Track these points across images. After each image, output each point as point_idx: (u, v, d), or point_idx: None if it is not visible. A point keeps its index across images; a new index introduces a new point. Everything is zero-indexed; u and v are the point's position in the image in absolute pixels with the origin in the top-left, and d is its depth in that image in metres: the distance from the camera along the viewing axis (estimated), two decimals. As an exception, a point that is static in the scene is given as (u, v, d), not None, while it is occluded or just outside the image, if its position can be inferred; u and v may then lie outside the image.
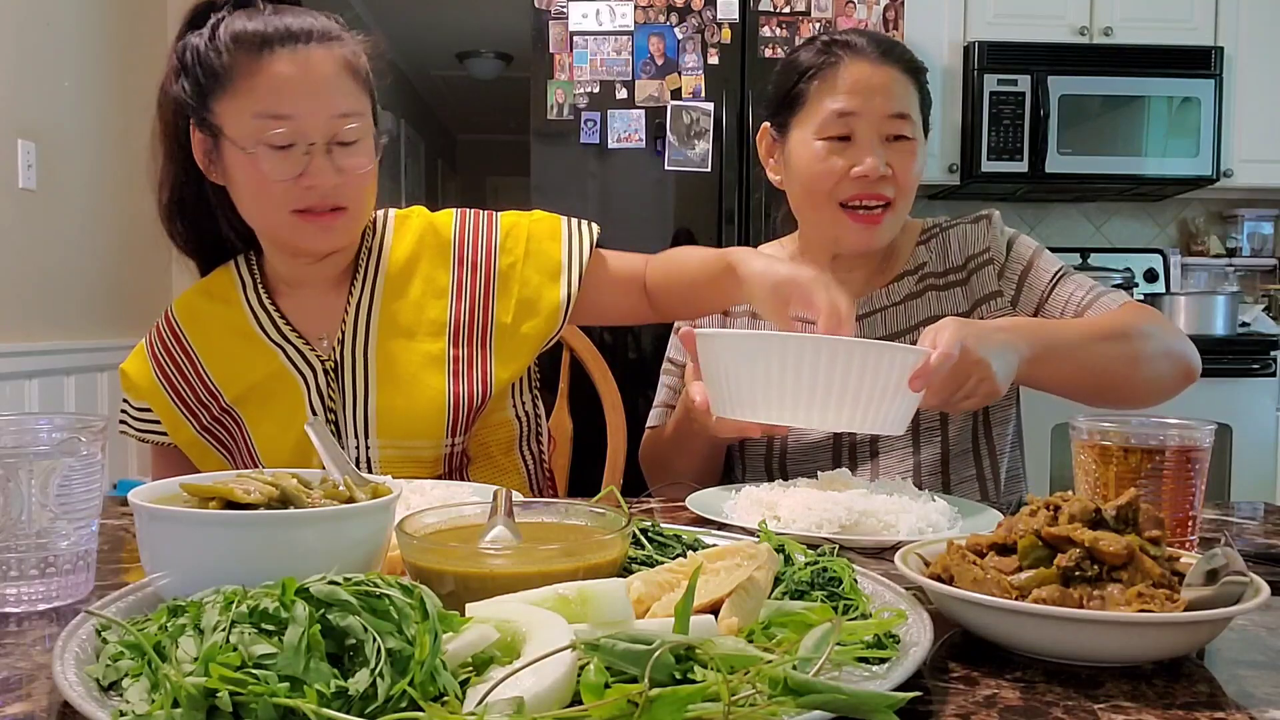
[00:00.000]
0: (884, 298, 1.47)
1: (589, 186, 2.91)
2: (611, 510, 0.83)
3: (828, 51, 1.41)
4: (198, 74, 1.25)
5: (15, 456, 0.80)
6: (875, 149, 1.37)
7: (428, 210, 1.44)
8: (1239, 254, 3.93)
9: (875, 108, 1.37)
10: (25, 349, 2.76)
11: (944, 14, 3.46)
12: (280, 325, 1.36)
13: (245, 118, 1.22)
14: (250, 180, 1.25)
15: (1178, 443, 0.92)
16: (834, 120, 1.38)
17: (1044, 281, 1.42)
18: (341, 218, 1.27)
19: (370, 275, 1.37)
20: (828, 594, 0.75)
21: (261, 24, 1.23)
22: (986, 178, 3.47)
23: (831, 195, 1.39)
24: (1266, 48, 3.50)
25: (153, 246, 3.46)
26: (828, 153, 1.39)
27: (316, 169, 1.23)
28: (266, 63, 1.22)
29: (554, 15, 2.88)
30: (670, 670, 0.55)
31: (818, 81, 1.40)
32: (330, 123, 1.23)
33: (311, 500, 0.77)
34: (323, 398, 1.34)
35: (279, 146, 1.22)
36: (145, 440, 1.43)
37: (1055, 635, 0.67)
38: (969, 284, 1.45)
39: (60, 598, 0.82)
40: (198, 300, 1.41)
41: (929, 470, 1.42)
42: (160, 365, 1.39)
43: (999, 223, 1.48)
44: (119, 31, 3.27)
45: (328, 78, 1.24)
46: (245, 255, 1.41)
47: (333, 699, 0.52)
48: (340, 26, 1.29)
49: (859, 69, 1.38)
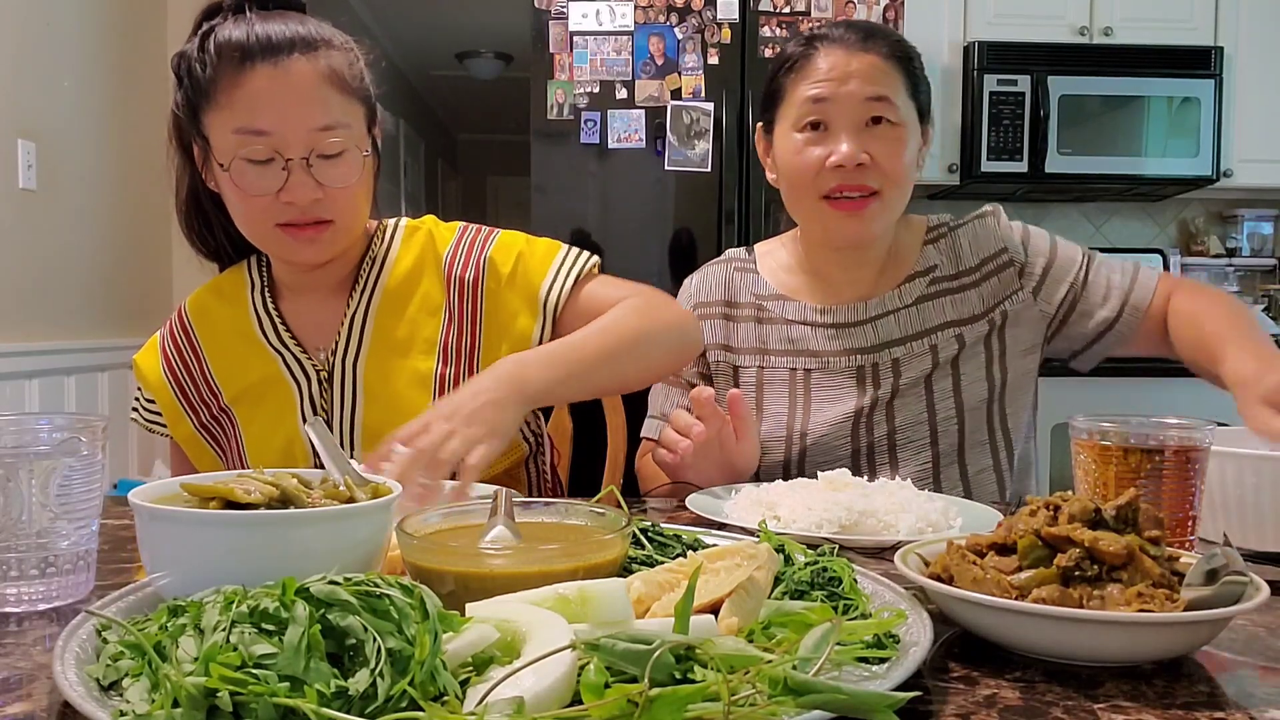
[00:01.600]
0: (896, 299, 1.46)
1: (589, 186, 2.91)
2: (611, 510, 0.83)
3: (807, 44, 1.40)
4: (188, 86, 1.24)
5: (15, 456, 0.80)
6: (852, 135, 1.35)
7: (438, 222, 1.42)
8: (1239, 254, 3.93)
9: (850, 91, 1.35)
10: (25, 349, 2.77)
11: (944, 14, 3.46)
12: (280, 331, 1.36)
13: (225, 133, 1.21)
14: (233, 194, 1.25)
15: (1178, 443, 0.92)
16: (809, 108, 1.37)
17: (1070, 271, 1.45)
18: (327, 230, 1.25)
19: (369, 286, 1.36)
20: (828, 594, 0.75)
21: (244, 33, 1.20)
22: (986, 178, 3.46)
23: (813, 188, 1.38)
24: (1266, 48, 3.50)
25: (152, 246, 3.49)
26: (805, 144, 1.38)
27: (296, 184, 1.21)
28: (246, 78, 1.20)
29: (554, 15, 2.88)
30: (670, 670, 0.55)
31: (794, 74, 1.39)
32: (309, 136, 1.21)
33: (311, 500, 0.78)
34: (315, 407, 1.34)
35: (258, 161, 1.20)
36: (151, 430, 1.44)
37: (1055, 635, 0.67)
38: (985, 286, 1.45)
39: (60, 598, 0.82)
40: (209, 299, 1.42)
41: (946, 462, 1.42)
42: (169, 360, 1.40)
43: (1005, 219, 1.48)
44: (119, 31, 3.27)
45: (307, 90, 1.21)
46: (258, 256, 1.41)
47: (333, 699, 0.52)
48: (329, 33, 1.26)
49: (834, 56, 1.37)
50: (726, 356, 1.52)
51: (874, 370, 1.44)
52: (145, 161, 3.39)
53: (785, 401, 1.47)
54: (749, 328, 1.51)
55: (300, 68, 1.21)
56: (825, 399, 1.45)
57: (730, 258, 1.59)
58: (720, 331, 1.53)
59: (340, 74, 1.25)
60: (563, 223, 2.90)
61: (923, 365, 1.43)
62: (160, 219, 3.52)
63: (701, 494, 1.21)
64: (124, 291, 3.30)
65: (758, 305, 1.51)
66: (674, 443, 1.25)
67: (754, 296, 1.52)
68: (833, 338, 1.46)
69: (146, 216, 3.43)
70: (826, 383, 1.45)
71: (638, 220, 2.91)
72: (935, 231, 1.49)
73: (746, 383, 1.50)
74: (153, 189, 3.44)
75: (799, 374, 1.47)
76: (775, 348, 1.49)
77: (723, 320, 1.53)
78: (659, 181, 2.89)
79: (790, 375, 1.47)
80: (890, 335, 1.45)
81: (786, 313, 1.49)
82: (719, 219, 2.91)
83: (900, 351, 1.44)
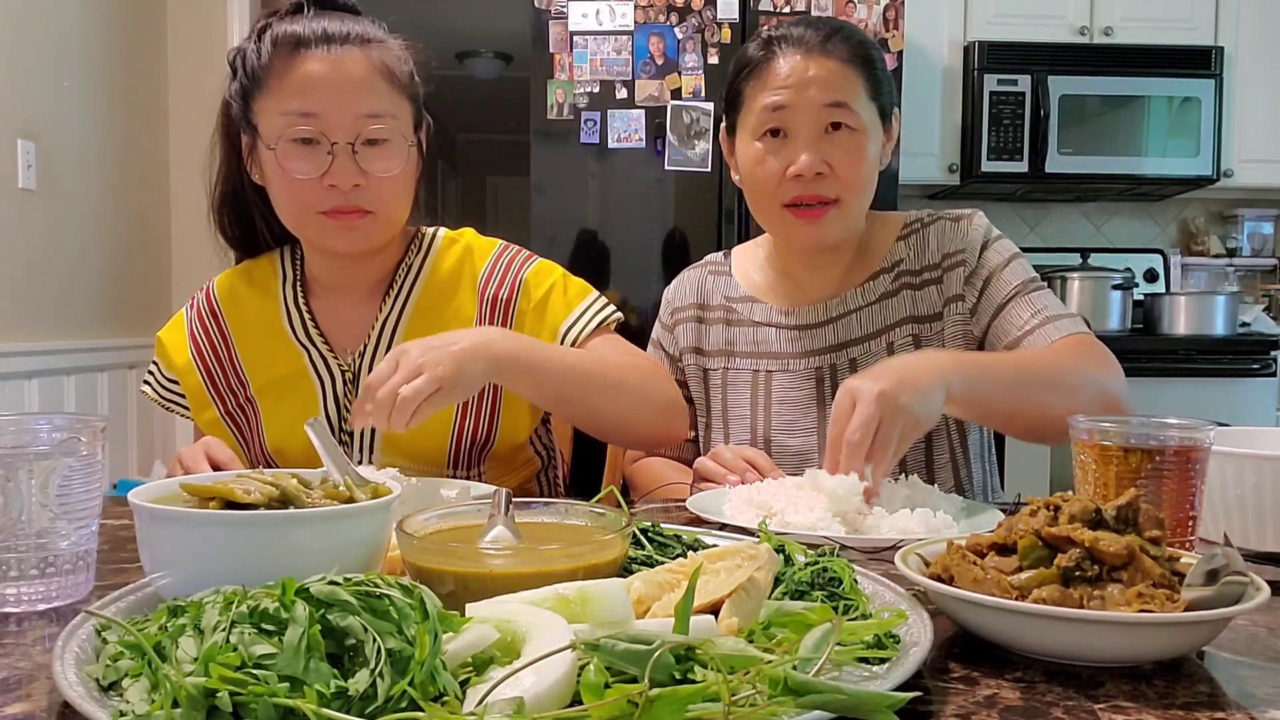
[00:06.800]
0: (859, 297, 1.44)
1: (589, 186, 2.91)
2: (611, 510, 0.83)
3: (766, 47, 1.37)
4: (242, 76, 1.27)
5: (15, 456, 0.80)
6: (812, 145, 1.33)
7: (478, 235, 1.43)
8: (1239, 254, 3.93)
9: (809, 99, 1.33)
10: (25, 349, 2.77)
11: (944, 14, 3.46)
12: (310, 328, 1.36)
13: (274, 115, 1.24)
14: (278, 178, 1.26)
15: (1178, 443, 0.92)
16: (767, 116, 1.35)
17: (1001, 295, 1.38)
18: (367, 219, 1.27)
19: (404, 292, 1.37)
20: (828, 594, 0.75)
21: (302, 27, 1.25)
22: (986, 178, 3.47)
23: (774, 197, 1.37)
24: (1266, 48, 3.50)
25: (152, 247, 3.49)
26: (764, 153, 1.36)
27: (339, 168, 1.23)
28: (299, 62, 1.23)
29: (554, 15, 2.87)
30: (670, 670, 0.55)
31: (753, 80, 1.37)
32: (356, 121, 1.23)
33: (311, 500, 0.78)
34: (339, 405, 1.35)
35: (303, 142, 1.23)
36: (167, 408, 1.45)
37: (1055, 635, 0.67)
38: (943, 283, 1.42)
39: (60, 598, 0.82)
40: (239, 284, 1.42)
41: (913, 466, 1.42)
42: (197, 343, 1.40)
43: (980, 224, 1.44)
44: (119, 31, 3.27)
45: (358, 78, 1.24)
46: (291, 249, 1.42)
47: (333, 699, 0.52)
48: (384, 32, 1.30)
49: (793, 61, 1.34)
50: (697, 360, 1.53)
51: (832, 373, 1.44)
52: (145, 161, 3.39)
53: (748, 404, 1.47)
54: (719, 330, 1.52)
55: (353, 56, 1.25)
56: (785, 402, 1.45)
57: (706, 262, 1.60)
58: (692, 335, 1.53)
59: (391, 69, 1.28)
60: (563, 223, 2.90)
61: None
62: (160, 219, 3.52)
63: (701, 494, 1.21)
64: (124, 291, 3.30)
65: (728, 307, 1.52)
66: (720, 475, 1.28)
67: (724, 299, 1.53)
68: (795, 339, 1.46)
69: (146, 216, 3.43)
70: (787, 385, 1.45)
71: (638, 220, 2.91)
72: (909, 228, 1.46)
73: (714, 385, 1.51)
74: (153, 189, 3.45)
75: (760, 376, 1.47)
76: (741, 349, 1.49)
77: (695, 324, 1.54)
78: (659, 181, 2.89)
79: (753, 377, 1.47)
80: (850, 335, 1.44)
81: (754, 314, 1.50)
82: (719, 219, 2.91)
83: (858, 351, 1.43)
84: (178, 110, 3.54)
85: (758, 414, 1.46)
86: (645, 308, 2.84)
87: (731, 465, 1.30)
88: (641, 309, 2.84)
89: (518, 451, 1.42)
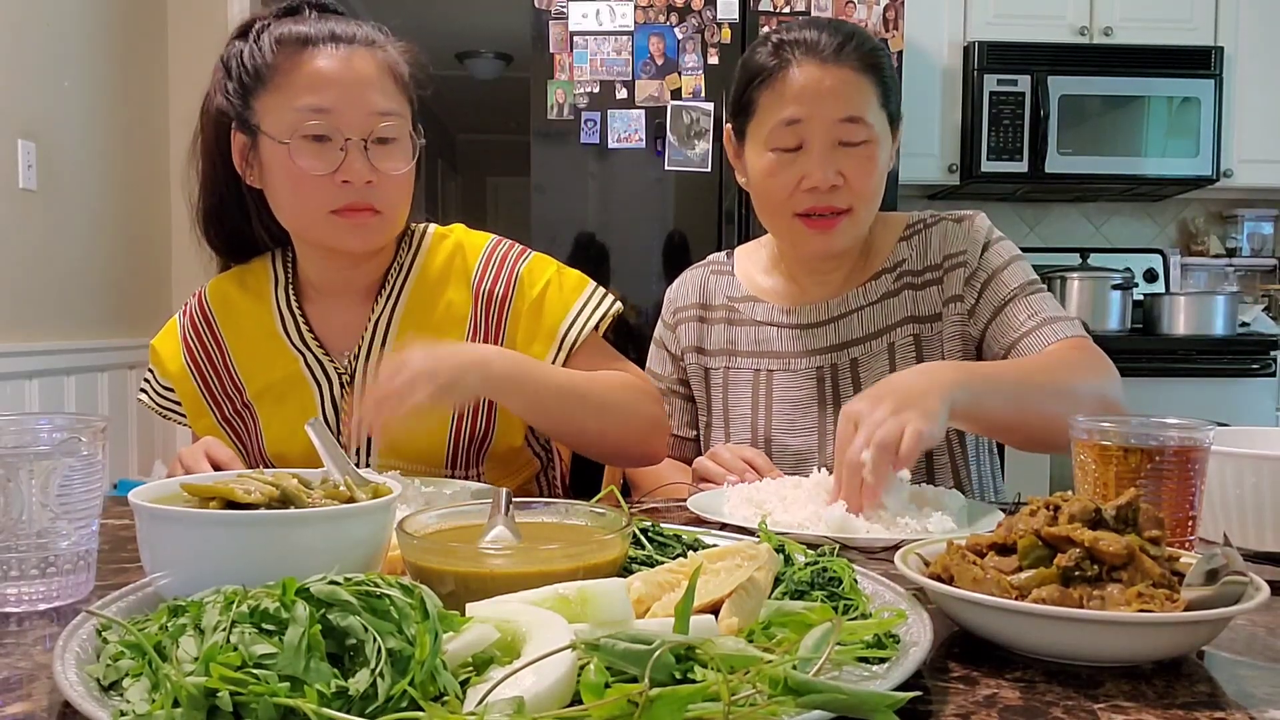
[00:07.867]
0: (860, 297, 1.44)
1: (589, 186, 2.91)
2: (611, 510, 0.83)
3: (778, 54, 1.36)
4: (241, 75, 1.26)
5: (15, 456, 0.80)
6: (826, 157, 1.33)
7: (469, 231, 1.43)
8: (1239, 254, 3.93)
9: (825, 113, 1.32)
10: (25, 349, 2.77)
11: (944, 14, 3.46)
12: (304, 332, 1.36)
13: (284, 111, 1.24)
14: (287, 177, 1.25)
15: (1178, 443, 0.92)
16: (783, 130, 1.34)
17: (1000, 297, 1.38)
18: (376, 219, 1.27)
19: (395, 291, 1.37)
20: (828, 594, 0.75)
21: (307, 27, 1.25)
22: (986, 178, 3.47)
23: (786, 206, 1.37)
24: (1266, 48, 3.50)
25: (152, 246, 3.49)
26: (778, 166, 1.35)
27: (352, 165, 1.23)
28: (308, 58, 1.24)
29: (554, 15, 2.88)
30: (670, 670, 0.55)
31: (767, 90, 1.36)
32: (368, 119, 1.24)
33: (311, 500, 0.78)
34: (336, 408, 1.35)
35: (316, 138, 1.23)
36: (164, 416, 1.44)
37: (1055, 635, 0.67)
38: (943, 283, 1.42)
39: (60, 598, 0.82)
40: (232, 289, 1.42)
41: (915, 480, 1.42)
42: (191, 351, 1.40)
43: (982, 225, 1.44)
44: (119, 31, 3.27)
45: (368, 76, 1.25)
46: (283, 252, 1.42)
47: (333, 699, 0.52)
48: (384, 35, 1.31)
49: (808, 72, 1.33)
50: (699, 359, 1.53)
51: (833, 372, 1.44)
52: (145, 161, 3.39)
53: (749, 403, 1.47)
54: (721, 329, 1.52)
55: (362, 54, 1.26)
56: (786, 401, 1.45)
57: (709, 261, 1.60)
58: (694, 334, 1.54)
59: (396, 69, 1.29)
60: (563, 223, 2.90)
61: (880, 366, 1.42)
62: (160, 219, 3.52)
63: (701, 494, 1.21)
64: (124, 291, 3.30)
65: (730, 307, 1.52)
66: (719, 475, 1.30)
67: (726, 299, 1.53)
68: (796, 338, 1.46)
69: (146, 216, 3.43)
70: (787, 384, 1.45)
71: (638, 220, 2.91)
72: (912, 228, 1.46)
73: (715, 384, 1.51)
74: (153, 189, 3.45)
75: (762, 375, 1.47)
76: (743, 349, 1.50)
77: (697, 323, 1.54)
78: (659, 181, 2.89)
79: (754, 376, 1.48)
80: (851, 334, 1.44)
81: (755, 314, 1.50)
82: (719, 219, 2.91)
83: (859, 351, 1.43)
84: (178, 110, 3.54)
85: (758, 413, 1.46)
86: (645, 308, 2.84)
87: (730, 465, 1.30)
88: (642, 309, 2.84)
89: (517, 453, 1.42)
